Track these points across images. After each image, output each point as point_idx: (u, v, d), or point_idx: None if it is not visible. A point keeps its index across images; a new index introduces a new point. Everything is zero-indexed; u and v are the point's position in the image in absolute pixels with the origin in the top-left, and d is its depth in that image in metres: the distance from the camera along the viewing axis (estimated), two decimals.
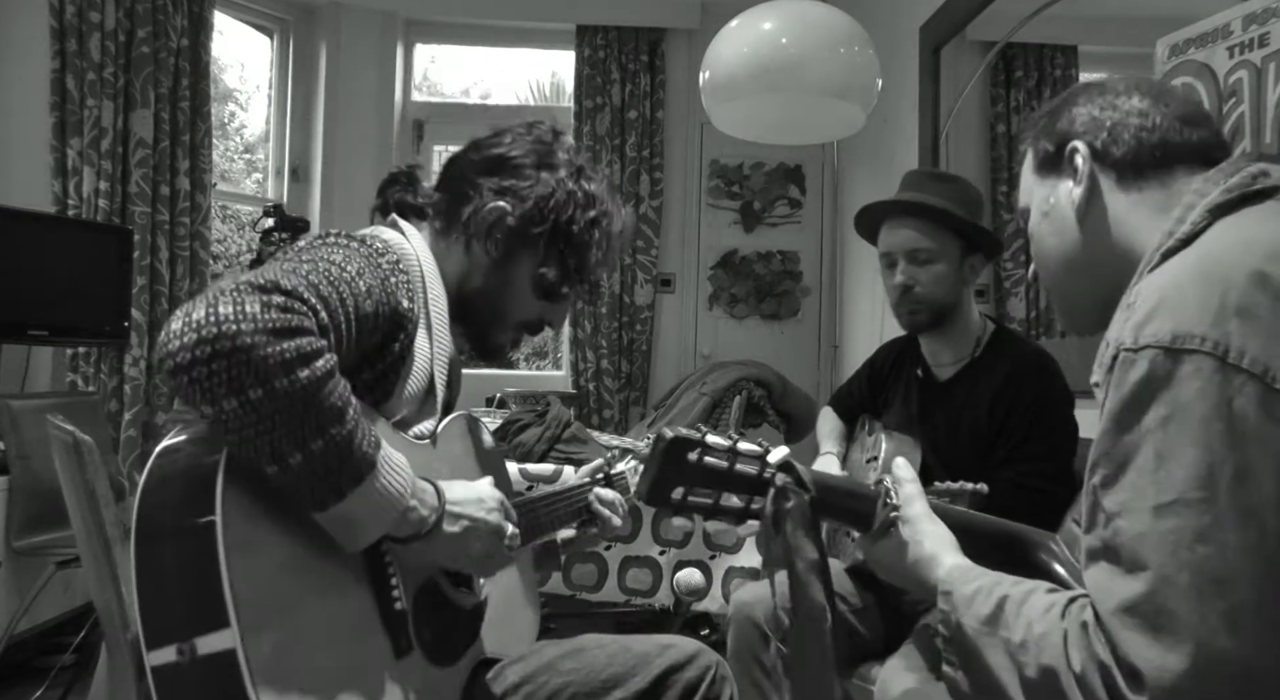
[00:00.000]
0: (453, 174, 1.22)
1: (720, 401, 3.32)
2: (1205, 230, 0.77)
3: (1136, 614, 0.65)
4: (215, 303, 0.78)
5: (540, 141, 1.21)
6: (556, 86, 5.37)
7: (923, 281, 1.64)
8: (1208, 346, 0.66)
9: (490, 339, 1.24)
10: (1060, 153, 0.92)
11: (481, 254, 1.17)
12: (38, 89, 3.15)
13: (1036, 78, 2.68)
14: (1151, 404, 0.67)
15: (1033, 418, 1.54)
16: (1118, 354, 0.70)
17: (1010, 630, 0.74)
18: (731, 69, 2.58)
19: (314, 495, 0.84)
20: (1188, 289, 0.69)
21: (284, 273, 0.85)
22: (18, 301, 2.77)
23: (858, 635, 1.62)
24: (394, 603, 0.96)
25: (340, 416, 0.83)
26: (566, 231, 1.18)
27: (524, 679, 1.16)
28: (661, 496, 0.86)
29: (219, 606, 0.77)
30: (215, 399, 0.77)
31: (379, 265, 1.00)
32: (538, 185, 1.17)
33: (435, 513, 0.94)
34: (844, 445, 1.96)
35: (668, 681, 1.19)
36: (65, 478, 1.12)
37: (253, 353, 0.77)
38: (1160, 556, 0.64)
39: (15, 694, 2.47)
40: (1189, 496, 0.64)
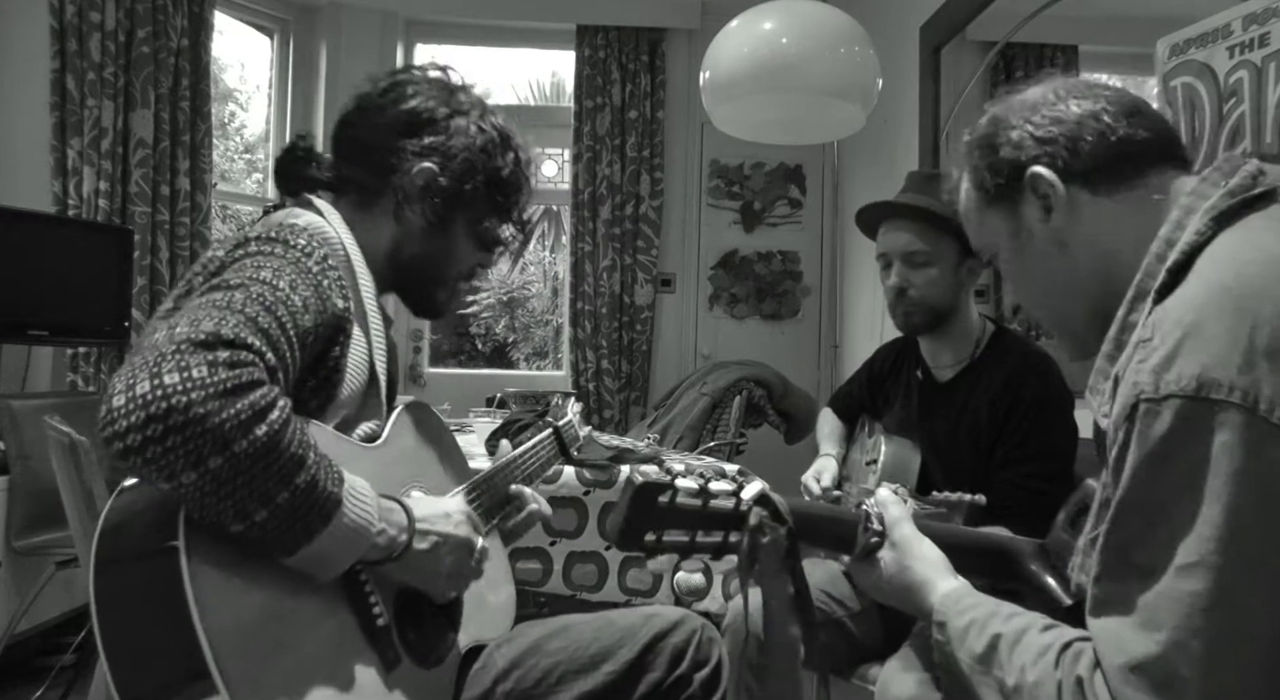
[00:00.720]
0: (361, 139, 1.14)
1: (720, 401, 3.31)
2: (1210, 241, 0.73)
3: (1145, 674, 0.63)
4: (158, 371, 0.73)
5: (442, 86, 1.15)
6: (556, 86, 5.38)
7: (917, 284, 1.63)
8: (1236, 397, 0.62)
9: (433, 300, 1.21)
10: (1015, 182, 0.87)
11: (417, 219, 1.13)
12: (38, 89, 3.15)
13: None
14: (1177, 460, 0.65)
15: (1033, 419, 1.53)
16: (1138, 403, 0.67)
17: (1004, 671, 0.73)
18: (732, 69, 2.58)
19: (282, 544, 0.81)
20: (1211, 325, 0.65)
21: (220, 315, 0.80)
22: (18, 301, 2.77)
23: (855, 638, 1.62)
24: (376, 619, 0.94)
25: (301, 463, 0.80)
26: (498, 178, 1.15)
27: (513, 663, 1.15)
28: (634, 541, 0.84)
29: (203, 672, 0.73)
30: (174, 474, 0.73)
31: (309, 270, 0.95)
32: (456, 136, 1.12)
33: (405, 532, 0.92)
34: (843, 446, 1.95)
35: (655, 649, 1.18)
36: (62, 478, 1.12)
37: (208, 421, 0.72)
38: (1177, 619, 0.63)
39: (15, 694, 2.47)
40: (1210, 560, 0.62)
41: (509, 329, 8.47)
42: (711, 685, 1.20)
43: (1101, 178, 0.83)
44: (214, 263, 0.96)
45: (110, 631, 0.75)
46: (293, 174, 1.16)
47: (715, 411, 3.31)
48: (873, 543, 0.91)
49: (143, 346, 0.77)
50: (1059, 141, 0.84)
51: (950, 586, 0.85)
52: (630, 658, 1.16)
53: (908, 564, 0.88)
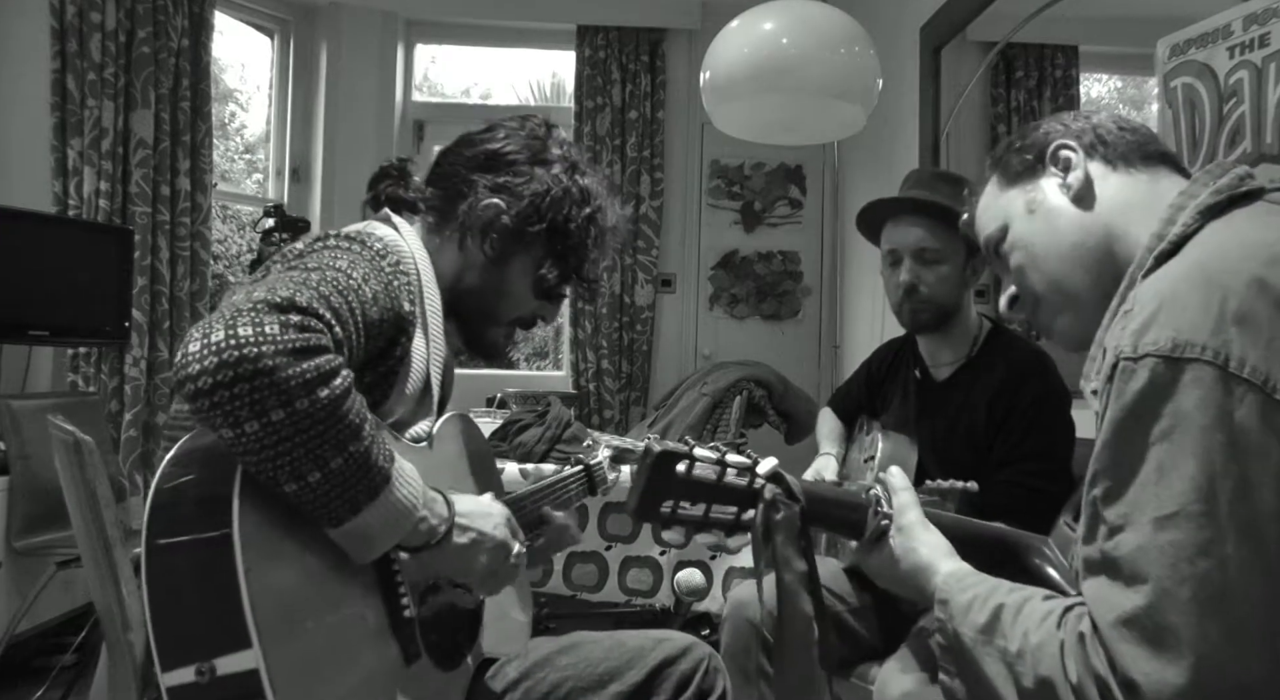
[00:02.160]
0: (445, 169, 1.20)
1: (721, 402, 3.32)
2: (1197, 232, 0.77)
3: (1135, 627, 0.64)
4: (234, 324, 0.77)
5: (534, 136, 1.19)
6: (557, 87, 5.37)
7: (928, 282, 1.63)
8: (1208, 355, 0.65)
9: (484, 337, 1.23)
10: (1039, 158, 0.93)
11: (476, 252, 1.16)
12: (38, 89, 3.15)
13: (1037, 78, 2.68)
14: (1152, 415, 0.67)
15: (1031, 418, 1.54)
16: (1117, 362, 0.70)
17: (1007, 639, 0.74)
18: (732, 69, 2.58)
19: (330, 512, 0.83)
20: (1187, 295, 0.68)
21: (296, 286, 0.84)
22: (18, 302, 2.77)
23: (856, 636, 1.62)
24: (403, 611, 0.96)
25: (358, 433, 0.82)
26: (564, 229, 1.17)
27: (522, 675, 1.17)
28: (651, 510, 0.85)
29: (240, 626, 0.76)
30: (238, 422, 0.76)
31: (381, 268, 0.99)
32: (532, 182, 1.16)
33: (445, 523, 0.94)
34: (843, 446, 1.96)
35: (662, 674, 1.20)
36: (66, 478, 1.12)
37: (275, 374, 0.76)
38: (1160, 569, 0.64)
39: (15, 694, 2.47)
40: (1190, 509, 0.64)
41: None
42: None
43: (1120, 159, 0.89)
44: (294, 251, 1.00)
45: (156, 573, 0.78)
46: (380, 191, 1.21)
47: (715, 411, 3.31)
48: (883, 525, 0.92)
49: (220, 306, 0.81)
50: (1087, 130, 0.92)
51: (952, 567, 0.86)
52: (637, 680, 1.18)
53: (912, 547, 0.89)
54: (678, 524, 0.86)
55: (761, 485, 0.87)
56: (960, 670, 0.78)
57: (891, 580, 0.92)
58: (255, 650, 0.76)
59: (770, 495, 0.86)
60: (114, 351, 3.24)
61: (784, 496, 0.86)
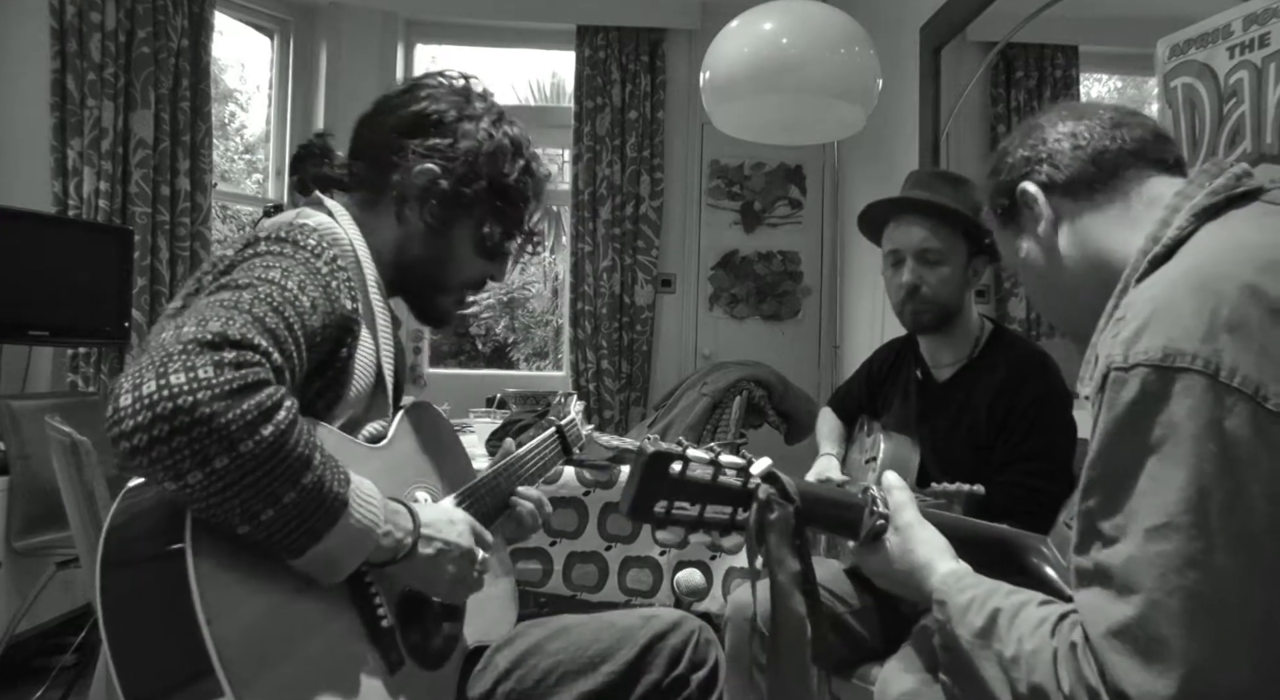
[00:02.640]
0: (370, 139, 1.14)
1: (721, 402, 3.32)
2: (1192, 235, 0.77)
3: (1127, 638, 0.64)
4: (164, 371, 0.72)
5: (455, 92, 1.15)
6: (556, 87, 5.38)
7: (930, 282, 1.63)
8: (1199, 365, 0.65)
9: (435, 306, 1.20)
10: (1014, 202, 0.95)
11: (416, 221, 1.12)
12: (38, 89, 3.15)
13: (1037, 78, 2.68)
14: (1144, 425, 0.66)
15: (1032, 418, 1.53)
16: (1109, 372, 0.69)
17: (1003, 643, 0.74)
18: (732, 69, 2.58)
19: (289, 544, 0.80)
20: (1179, 302, 0.68)
21: (227, 315, 0.80)
22: (18, 302, 2.77)
23: (857, 637, 1.62)
24: (380, 621, 0.95)
25: (308, 463, 0.80)
26: (501, 185, 1.13)
27: (514, 664, 1.16)
28: (645, 510, 0.84)
29: (209, 676, 0.73)
30: (180, 474, 0.73)
31: (318, 270, 0.95)
32: (463, 140, 1.11)
33: (410, 535, 0.93)
34: (843, 446, 1.95)
35: (654, 650, 1.19)
36: (63, 478, 1.12)
37: (214, 421, 0.72)
38: (1151, 581, 0.64)
39: (15, 694, 2.47)
40: (1180, 520, 0.63)
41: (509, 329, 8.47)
42: (709, 686, 1.21)
43: (1081, 188, 0.90)
44: (223, 262, 0.96)
45: (116, 632, 0.75)
46: (307, 170, 1.16)
47: (715, 412, 3.31)
48: (878, 525, 0.92)
49: (149, 346, 0.77)
50: (1041, 159, 0.92)
51: (951, 567, 0.86)
52: (629, 658, 1.17)
53: (911, 548, 0.89)
54: (673, 524, 0.86)
55: (756, 485, 0.87)
56: (958, 671, 0.79)
57: (890, 580, 0.92)
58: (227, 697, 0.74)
59: (765, 495, 0.86)
60: (114, 352, 3.24)
61: (778, 496, 0.86)
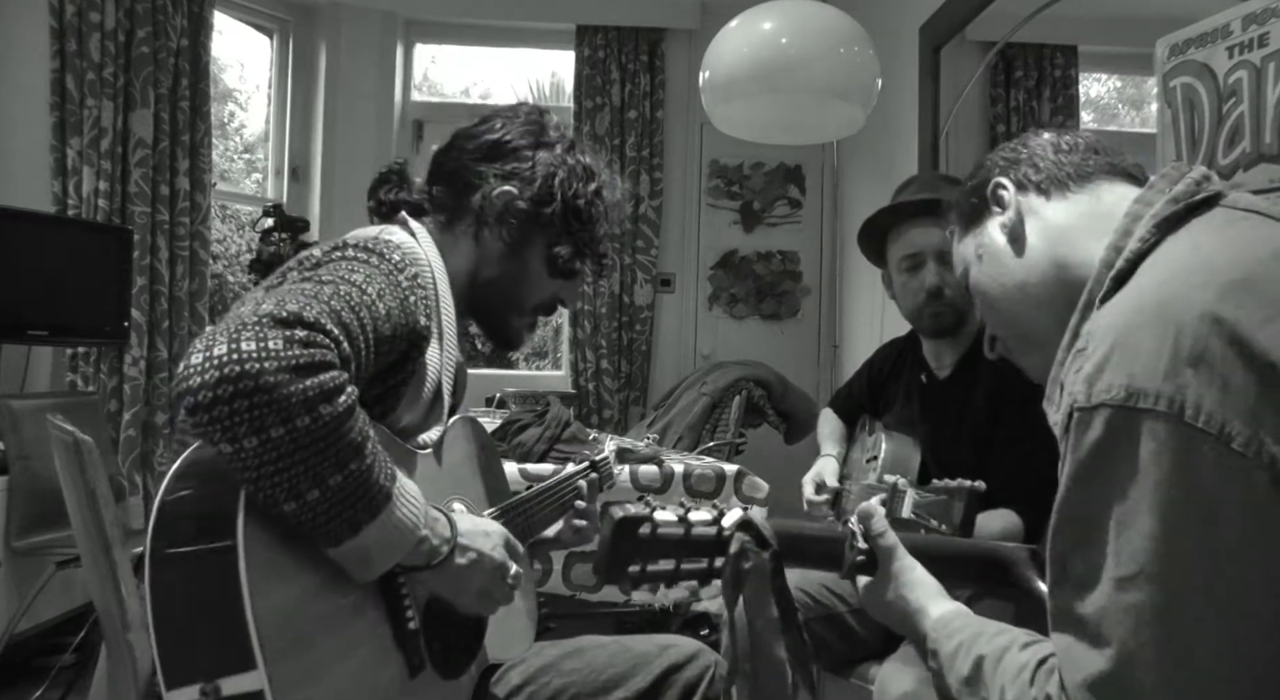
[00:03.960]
0: (448, 166, 1.21)
1: (720, 402, 3.32)
2: (1154, 247, 0.74)
3: (1102, 691, 0.63)
4: (237, 338, 0.76)
5: (530, 121, 1.21)
6: (556, 86, 5.37)
7: (952, 284, 1.60)
8: (1162, 405, 0.63)
9: (508, 327, 1.23)
10: (983, 199, 0.93)
11: (494, 241, 1.17)
12: (37, 89, 3.15)
13: (1036, 78, 2.68)
14: (1108, 469, 0.65)
15: (1029, 397, 1.53)
16: (1072, 413, 0.68)
17: (988, 691, 0.73)
18: (731, 69, 2.58)
19: (329, 531, 0.82)
20: (1139, 333, 0.66)
21: (305, 300, 0.83)
22: (17, 301, 2.77)
23: (855, 636, 1.62)
24: (408, 623, 0.96)
25: (359, 451, 0.82)
26: (574, 207, 1.19)
27: (526, 680, 1.17)
28: (619, 574, 0.84)
29: (245, 647, 0.75)
30: (235, 437, 0.75)
31: (398, 283, 0.98)
32: (539, 165, 1.18)
33: (447, 544, 0.93)
34: (844, 446, 1.96)
35: (668, 681, 1.19)
36: (65, 478, 1.12)
37: (276, 391, 0.75)
38: (1124, 632, 0.63)
39: (15, 694, 2.47)
40: (1150, 570, 0.62)
41: None
42: None
43: (1054, 186, 0.88)
44: (310, 260, 0.99)
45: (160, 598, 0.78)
46: (384, 195, 1.22)
47: (715, 411, 3.31)
48: (859, 561, 0.92)
49: (227, 317, 0.80)
50: (1020, 160, 0.91)
51: (941, 611, 0.85)
52: (642, 687, 1.18)
53: (902, 593, 0.89)
54: (649, 582, 0.84)
55: (730, 533, 0.86)
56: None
57: (888, 622, 0.92)
58: (260, 672, 0.75)
59: (738, 545, 0.84)
60: (113, 351, 3.24)
61: (753, 544, 0.85)
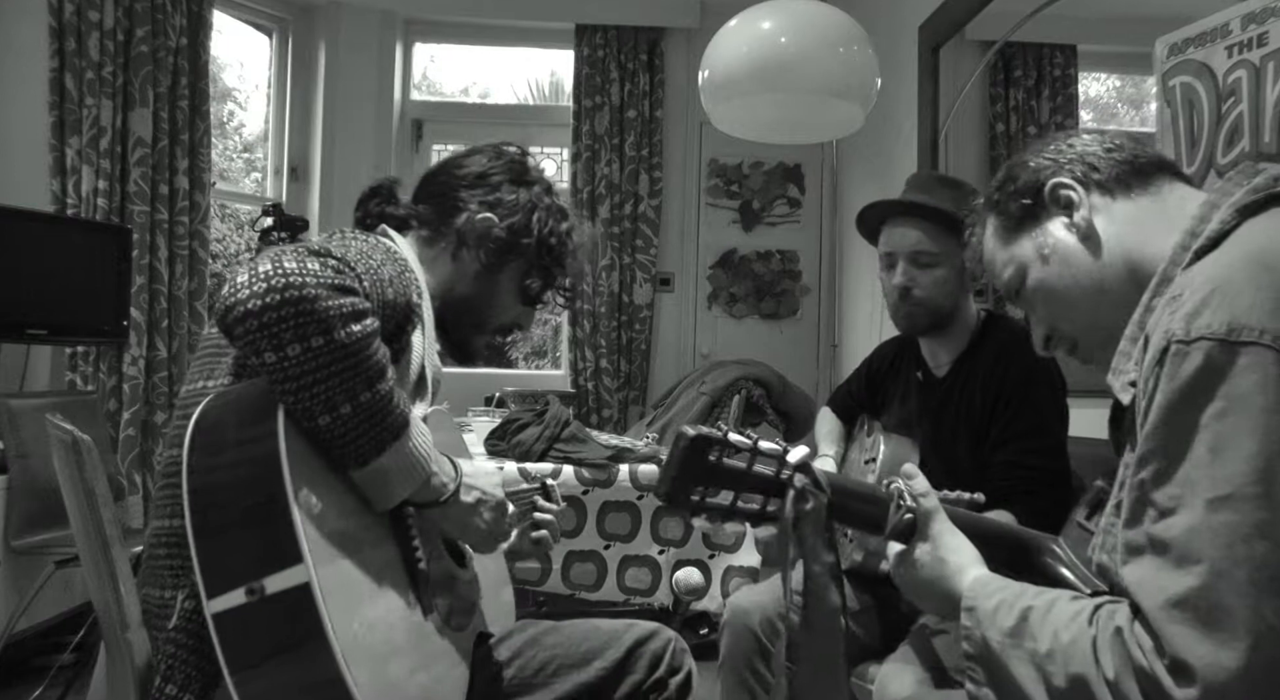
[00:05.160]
0: (434, 189, 1.31)
1: (719, 401, 3.32)
2: (1234, 229, 0.76)
3: (1188, 608, 0.63)
4: (279, 259, 0.85)
5: (514, 160, 1.32)
6: (555, 86, 5.37)
7: (922, 285, 1.62)
8: (1266, 339, 0.64)
9: (471, 344, 1.33)
10: (1037, 201, 0.93)
11: (471, 262, 1.26)
12: (36, 88, 3.14)
13: (1036, 77, 2.68)
14: (1207, 396, 0.66)
15: (1023, 395, 1.53)
16: (1168, 346, 0.69)
17: (1036, 640, 0.73)
18: (730, 68, 2.58)
19: (356, 449, 0.90)
20: (1239, 281, 0.68)
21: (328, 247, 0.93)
22: (16, 301, 2.77)
23: (855, 636, 1.62)
24: (418, 561, 1.02)
25: (383, 373, 0.91)
26: (548, 243, 1.29)
27: (515, 654, 1.27)
28: (681, 497, 0.83)
29: (291, 543, 0.80)
30: (280, 345, 0.83)
31: (396, 259, 1.09)
32: (519, 200, 1.29)
33: (454, 481, 1.02)
34: (842, 446, 1.96)
35: (636, 653, 1.31)
36: (64, 477, 1.12)
37: (317, 303, 0.84)
38: (1216, 550, 0.63)
39: (14, 693, 2.47)
40: (1246, 491, 0.63)
41: None
42: (684, 691, 1.33)
43: (1116, 184, 0.89)
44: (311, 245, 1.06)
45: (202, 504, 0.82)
46: (371, 207, 1.31)
47: (714, 411, 3.31)
48: (905, 520, 0.91)
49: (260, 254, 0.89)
50: (1075, 160, 0.91)
51: (979, 573, 0.86)
52: (617, 657, 1.29)
53: (941, 555, 0.89)
54: (705, 511, 0.85)
55: (790, 475, 0.86)
56: (989, 676, 0.77)
57: (918, 588, 0.91)
58: (307, 565, 0.80)
59: (800, 485, 0.85)
60: (112, 350, 3.24)
61: (813, 487, 0.86)
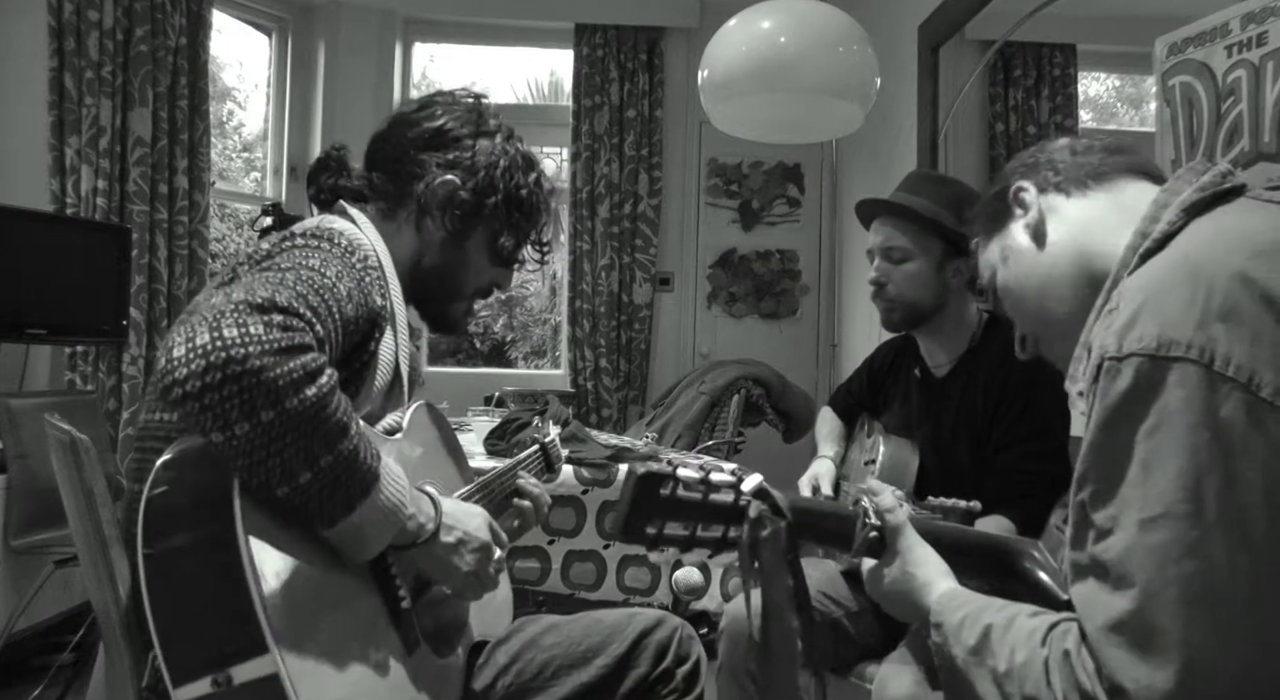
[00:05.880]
0: (389, 153, 1.20)
1: (719, 400, 3.32)
2: (1181, 229, 0.77)
3: (1124, 631, 0.64)
4: (218, 326, 0.76)
5: (469, 110, 1.21)
6: (555, 85, 5.37)
7: (894, 280, 1.64)
8: (1193, 354, 0.65)
9: (449, 314, 1.25)
10: (1003, 206, 0.95)
11: (436, 230, 1.17)
12: (36, 87, 3.14)
13: (1035, 76, 2.68)
14: (1138, 414, 0.66)
15: (1026, 399, 1.53)
16: (1102, 362, 0.69)
17: (995, 658, 0.73)
18: (730, 68, 2.58)
19: (323, 512, 0.83)
20: (1170, 291, 0.68)
21: (274, 286, 0.84)
22: (16, 300, 2.77)
23: (853, 638, 1.62)
24: (400, 602, 0.98)
25: (345, 431, 0.83)
26: (516, 197, 1.20)
27: (512, 658, 1.22)
28: (637, 533, 0.84)
29: (255, 632, 0.75)
30: (228, 424, 0.76)
31: (352, 265, 1.00)
32: (480, 154, 1.18)
33: (432, 521, 0.96)
34: (842, 446, 1.95)
35: (641, 645, 1.25)
36: (63, 477, 1.12)
37: (263, 374, 0.76)
38: (1147, 571, 0.63)
39: (14, 693, 2.47)
40: (1175, 510, 0.63)
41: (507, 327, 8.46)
42: (692, 680, 1.27)
43: (1072, 185, 0.91)
44: (260, 253, 1.00)
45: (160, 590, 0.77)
46: (324, 182, 1.21)
47: (713, 410, 3.31)
48: (871, 537, 0.92)
49: (198, 308, 0.80)
50: (1040, 164, 0.94)
51: (947, 587, 0.86)
52: (620, 652, 1.23)
53: (910, 570, 0.89)
54: (665, 544, 0.85)
55: (747, 502, 0.86)
56: (956, 691, 0.78)
57: (889, 601, 0.92)
58: (273, 654, 0.75)
59: (756, 512, 0.85)
60: (112, 350, 3.24)
61: (769, 513, 0.85)
